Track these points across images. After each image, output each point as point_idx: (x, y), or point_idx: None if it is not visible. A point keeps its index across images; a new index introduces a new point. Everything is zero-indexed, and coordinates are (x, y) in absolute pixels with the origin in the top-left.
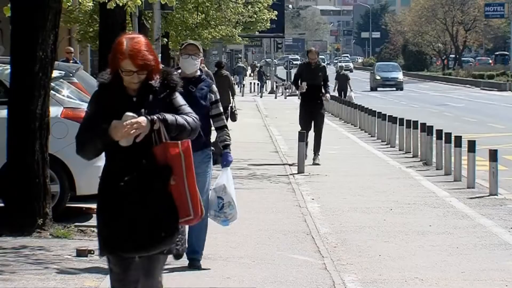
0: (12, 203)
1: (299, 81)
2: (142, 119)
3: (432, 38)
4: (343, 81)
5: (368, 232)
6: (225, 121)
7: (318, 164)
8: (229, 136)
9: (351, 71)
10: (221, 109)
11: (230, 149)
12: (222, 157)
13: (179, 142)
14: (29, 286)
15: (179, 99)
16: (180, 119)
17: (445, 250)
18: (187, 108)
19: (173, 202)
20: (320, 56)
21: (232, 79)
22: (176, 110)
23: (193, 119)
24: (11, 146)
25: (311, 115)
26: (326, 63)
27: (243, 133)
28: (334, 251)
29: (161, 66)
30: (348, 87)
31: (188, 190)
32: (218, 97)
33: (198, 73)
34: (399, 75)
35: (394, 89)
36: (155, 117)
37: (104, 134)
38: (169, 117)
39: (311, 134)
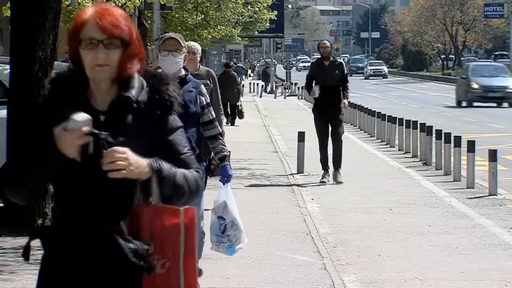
0: (12, 203)
1: (313, 84)
2: (131, 155)
3: (431, 38)
4: None
5: (368, 232)
6: (219, 128)
7: (341, 182)
8: (225, 145)
9: (384, 76)
10: (213, 114)
11: (228, 161)
12: (221, 171)
13: (181, 208)
14: (29, 286)
15: (178, 136)
16: (179, 176)
17: (444, 250)
18: (188, 156)
19: None
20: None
21: (239, 79)
22: (171, 153)
23: (195, 178)
24: (11, 146)
25: (328, 122)
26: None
27: (242, 133)
28: (334, 251)
29: (148, 64)
30: None
31: (185, 285)
32: (209, 100)
33: (183, 72)
34: (509, 83)
35: (496, 104)
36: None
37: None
38: (166, 167)
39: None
